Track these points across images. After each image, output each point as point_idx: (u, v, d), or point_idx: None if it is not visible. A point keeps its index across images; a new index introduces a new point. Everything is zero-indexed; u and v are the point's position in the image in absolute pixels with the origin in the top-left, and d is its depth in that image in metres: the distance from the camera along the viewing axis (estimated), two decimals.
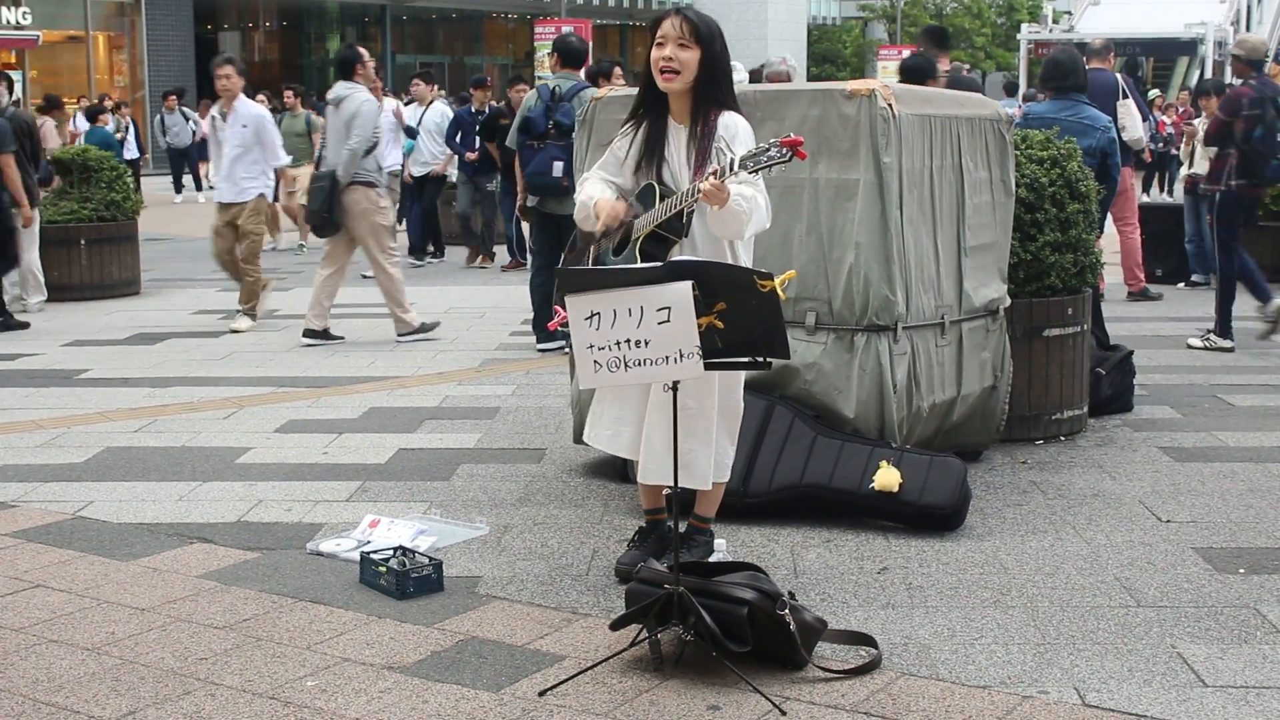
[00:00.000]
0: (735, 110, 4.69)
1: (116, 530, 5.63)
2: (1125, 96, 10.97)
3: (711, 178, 4.30)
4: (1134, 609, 4.64)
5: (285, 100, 17.44)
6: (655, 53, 4.61)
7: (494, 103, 16.06)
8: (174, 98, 25.27)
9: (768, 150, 4.23)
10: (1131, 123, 11.04)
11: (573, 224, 9.59)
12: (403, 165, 15.23)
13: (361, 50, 10.35)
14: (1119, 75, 11.52)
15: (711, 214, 4.47)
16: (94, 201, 12.63)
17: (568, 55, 9.59)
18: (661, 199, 4.61)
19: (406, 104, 16.20)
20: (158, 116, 26.26)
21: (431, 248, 15.85)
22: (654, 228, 4.59)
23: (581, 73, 9.79)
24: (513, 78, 14.62)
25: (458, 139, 14.98)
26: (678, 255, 4.58)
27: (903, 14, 49.48)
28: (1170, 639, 4.37)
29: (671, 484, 4.40)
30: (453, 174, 15.49)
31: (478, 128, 14.48)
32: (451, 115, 15.33)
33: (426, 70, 16.95)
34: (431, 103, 15.58)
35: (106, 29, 34.76)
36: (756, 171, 4.29)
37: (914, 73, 8.67)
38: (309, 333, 10.07)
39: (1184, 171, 12.37)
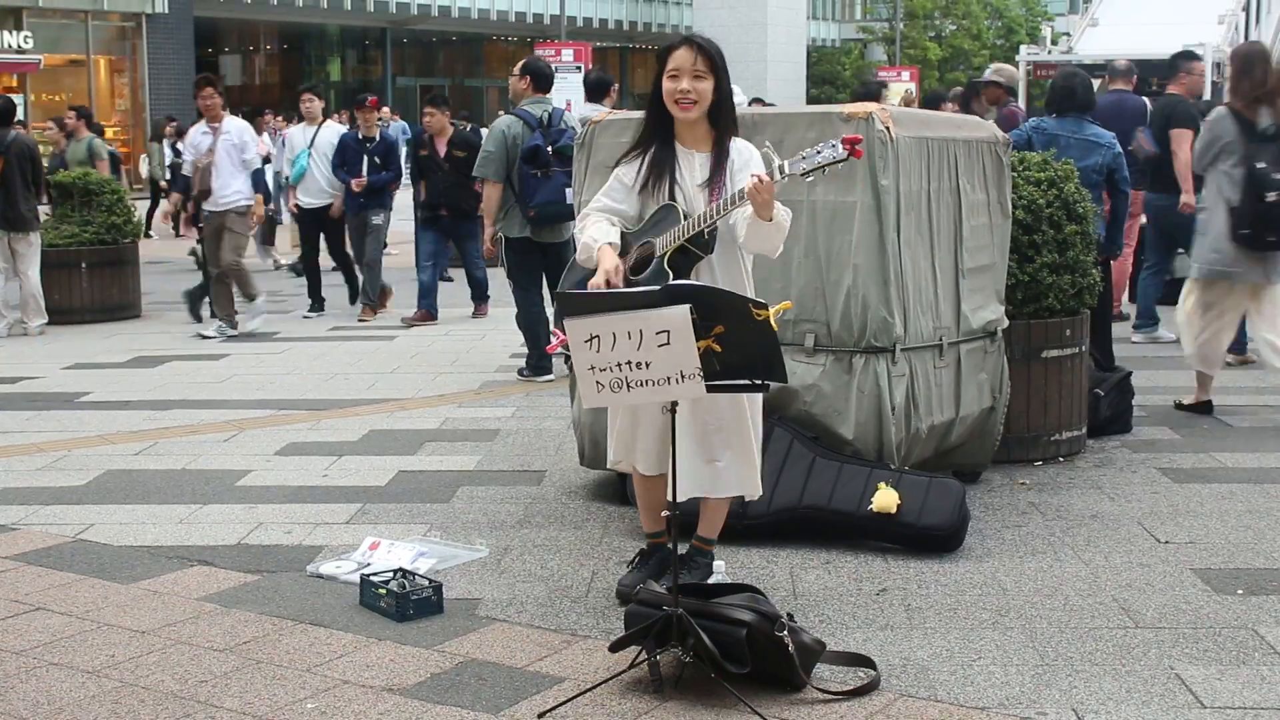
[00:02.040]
0: (737, 134, 4.77)
1: (117, 553, 5.64)
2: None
3: (756, 179, 4.30)
4: (1132, 630, 4.65)
5: (66, 122, 15.23)
6: (670, 84, 4.63)
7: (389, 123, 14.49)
8: (173, 125, 24.94)
9: (820, 151, 4.23)
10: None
11: (562, 253, 9.51)
12: (272, 198, 13.16)
13: (612, 79, 10.97)
14: (1145, 99, 11.53)
15: (751, 228, 4.47)
16: (95, 225, 12.66)
17: (541, 79, 9.41)
18: (686, 217, 4.60)
19: (295, 123, 14.14)
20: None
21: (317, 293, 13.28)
22: (684, 241, 4.59)
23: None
24: (431, 98, 12.92)
25: (345, 169, 12.73)
26: (694, 278, 4.61)
27: (902, 36, 49.66)
28: (1168, 660, 4.38)
29: (681, 495, 4.42)
30: None
31: (370, 158, 12.64)
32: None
33: (315, 85, 14.73)
34: (324, 123, 13.38)
35: (108, 53, 34.85)
36: (810, 174, 4.31)
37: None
38: None
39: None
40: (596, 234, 4.70)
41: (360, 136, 12.85)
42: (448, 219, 12.16)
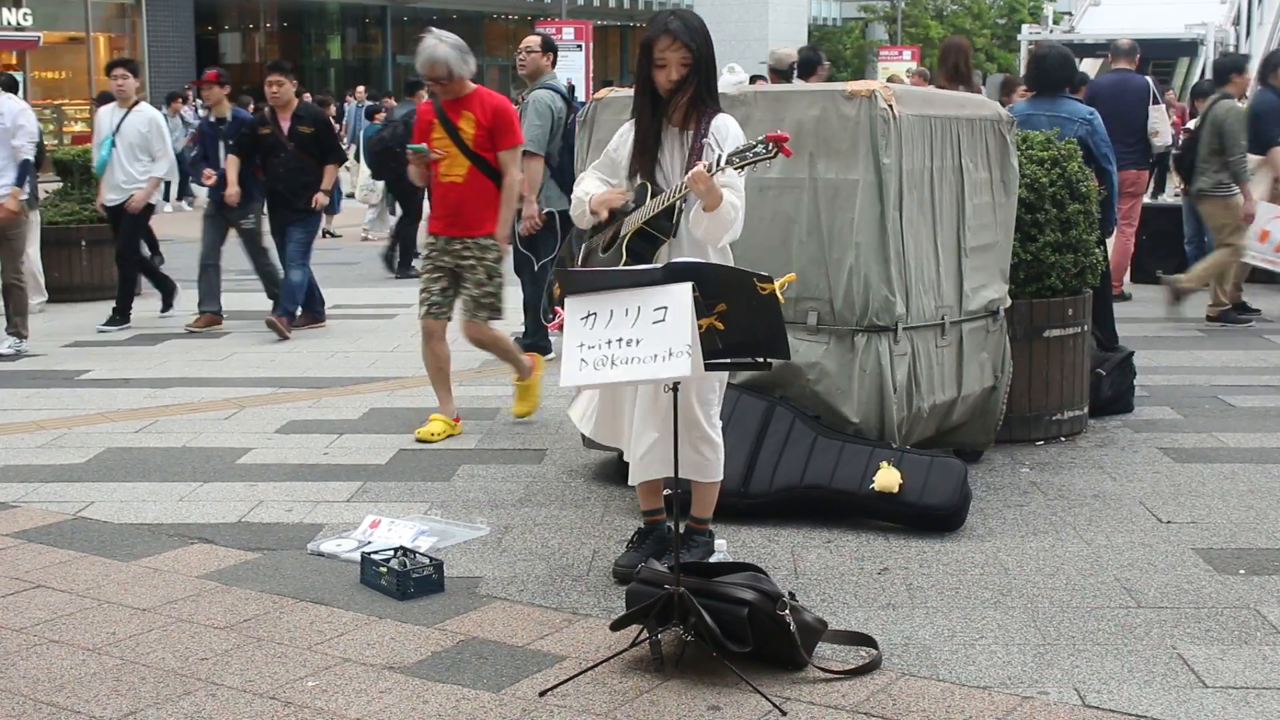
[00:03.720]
0: (720, 108, 4.77)
1: (117, 531, 5.64)
2: (1156, 101, 10.98)
3: (700, 166, 4.38)
4: (1134, 610, 4.64)
5: None
6: (659, 75, 4.66)
7: (249, 107, 12.69)
8: (179, 100, 24.67)
9: (754, 147, 4.32)
10: (1164, 128, 11.08)
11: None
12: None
13: (821, 55, 10.90)
14: (1149, 79, 11.51)
15: (695, 216, 4.53)
16: (94, 203, 12.60)
17: (556, 55, 9.35)
18: (654, 197, 4.64)
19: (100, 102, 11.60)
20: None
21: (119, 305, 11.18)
22: (642, 224, 4.62)
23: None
24: (274, 63, 10.94)
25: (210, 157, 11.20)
26: (667, 257, 4.62)
27: (903, 15, 49.48)
28: (1170, 640, 4.37)
29: (665, 479, 4.42)
30: (163, 205, 11.17)
31: (232, 143, 10.84)
32: (161, 121, 11.25)
33: (130, 59, 12.37)
34: (136, 104, 11.08)
35: (107, 30, 34.74)
36: (742, 168, 4.37)
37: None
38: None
39: None
40: (588, 187, 4.85)
41: (214, 119, 11.22)
42: (283, 208, 10.51)
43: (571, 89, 9.06)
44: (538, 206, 8.97)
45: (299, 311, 10.82)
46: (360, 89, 27.46)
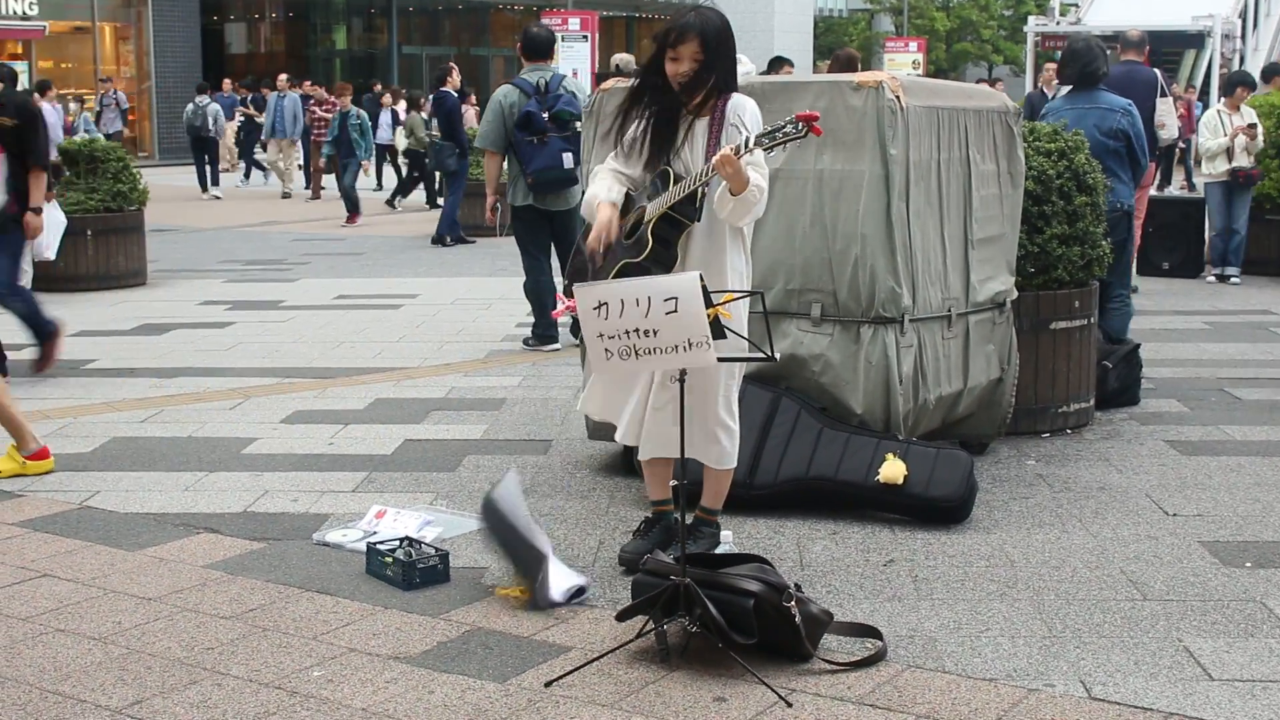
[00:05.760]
0: (738, 91, 4.76)
1: (123, 520, 5.64)
2: (1163, 93, 10.94)
3: (727, 149, 4.36)
4: (1140, 602, 4.64)
5: None
6: (671, 67, 4.65)
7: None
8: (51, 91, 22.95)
9: (783, 127, 4.30)
10: (1170, 120, 11.04)
11: (568, 219, 9.56)
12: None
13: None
14: (1157, 71, 11.49)
15: (720, 198, 4.52)
16: (100, 192, 12.61)
17: (531, 46, 9.36)
18: (676, 182, 4.63)
19: None
20: (189, 106, 25.15)
21: None
22: (667, 209, 4.61)
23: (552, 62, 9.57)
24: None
25: None
26: (687, 243, 4.62)
27: (909, 6, 49.41)
28: (1177, 632, 4.37)
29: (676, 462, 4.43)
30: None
31: None
32: None
33: None
34: None
35: (113, 20, 34.74)
36: (772, 148, 4.36)
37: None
38: None
39: (1225, 165, 12.32)
40: (599, 189, 4.79)
41: None
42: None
43: (550, 84, 8.96)
44: (493, 199, 9.30)
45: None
46: (283, 76, 25.32)
